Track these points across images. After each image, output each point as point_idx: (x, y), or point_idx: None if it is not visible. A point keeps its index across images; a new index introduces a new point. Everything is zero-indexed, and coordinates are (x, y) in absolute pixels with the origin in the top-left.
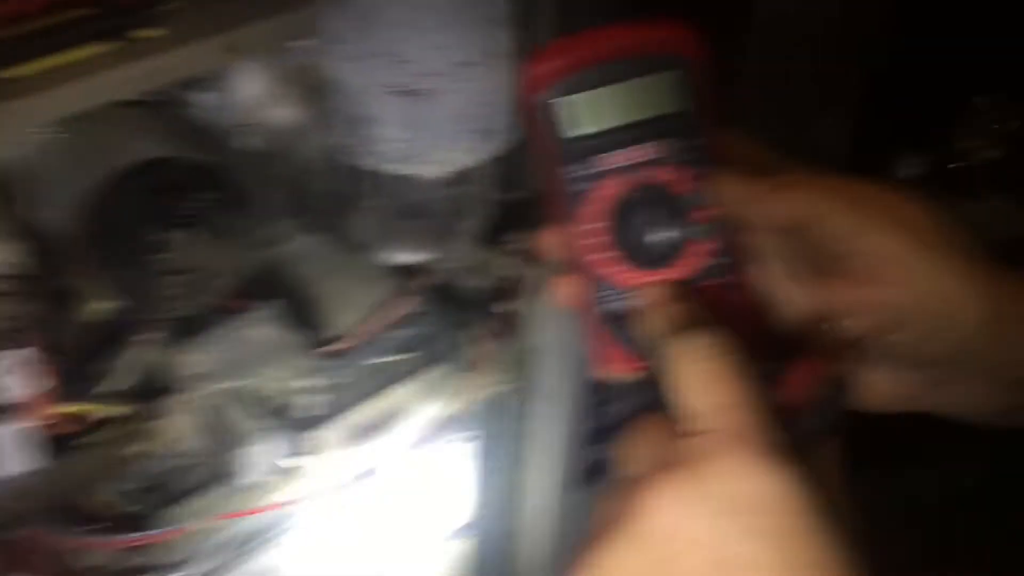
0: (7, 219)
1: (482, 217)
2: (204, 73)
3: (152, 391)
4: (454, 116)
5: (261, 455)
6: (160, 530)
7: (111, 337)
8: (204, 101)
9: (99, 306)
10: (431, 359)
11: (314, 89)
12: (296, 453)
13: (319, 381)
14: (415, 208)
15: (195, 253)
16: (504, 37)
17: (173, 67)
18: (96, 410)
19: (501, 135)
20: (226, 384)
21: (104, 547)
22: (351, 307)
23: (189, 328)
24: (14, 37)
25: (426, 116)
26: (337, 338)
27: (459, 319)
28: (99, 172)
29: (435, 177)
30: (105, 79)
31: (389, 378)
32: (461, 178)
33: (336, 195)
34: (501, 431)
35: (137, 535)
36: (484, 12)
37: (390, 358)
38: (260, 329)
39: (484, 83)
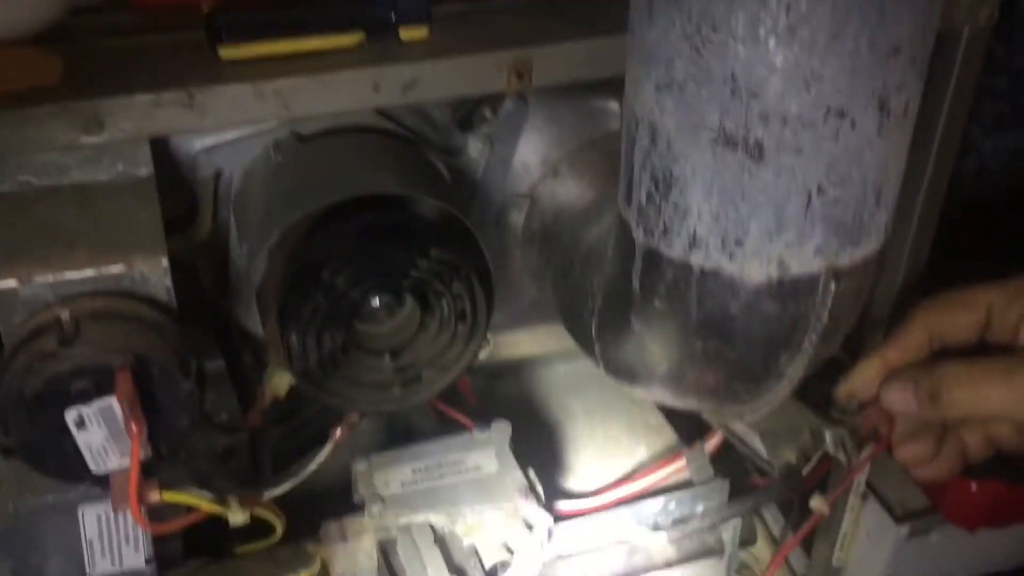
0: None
1: (816, 357)
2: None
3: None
4: (801, 191)
5: None
6: None
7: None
8: (472, 148)
9: (280, 382)
10: (692, 550)
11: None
12: None
13: (542, 543)
14: (721, 324)
15: (420, 336)
16: (916, 80)
17: (436, 81)
18: (237, 513)
19: (873, 232)
20: (421, 516)
21: None
22: (602, 456)
23: (390, 431)
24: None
25: (760, 185)
26: (579, 495)
27: (743, 503)
28: (305, 203)
29: (760, 281)
30: (352, 80)
31: (632, 559)
32: (799, 288)
33: (616, 294)
34: None
35: None
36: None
37: (638, 534)
38: (480, 455)
39: (861, 146)
